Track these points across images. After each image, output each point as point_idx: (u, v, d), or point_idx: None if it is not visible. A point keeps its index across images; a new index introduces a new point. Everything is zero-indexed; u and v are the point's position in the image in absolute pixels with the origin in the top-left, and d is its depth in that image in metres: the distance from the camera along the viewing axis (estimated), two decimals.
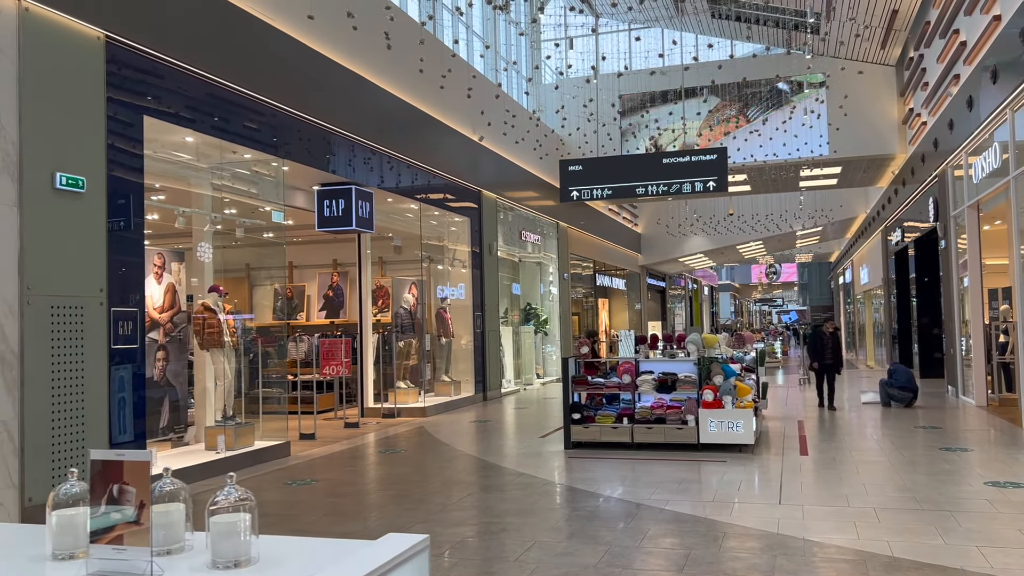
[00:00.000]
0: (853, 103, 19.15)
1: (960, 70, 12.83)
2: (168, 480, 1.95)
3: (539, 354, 20.79)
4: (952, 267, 14.48)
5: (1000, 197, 11.77)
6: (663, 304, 39.89)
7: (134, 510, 1.73)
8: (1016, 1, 9.66)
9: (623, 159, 15.72)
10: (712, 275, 54.21)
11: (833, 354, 13.54)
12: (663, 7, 18.72)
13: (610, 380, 10.15)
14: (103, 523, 1.76)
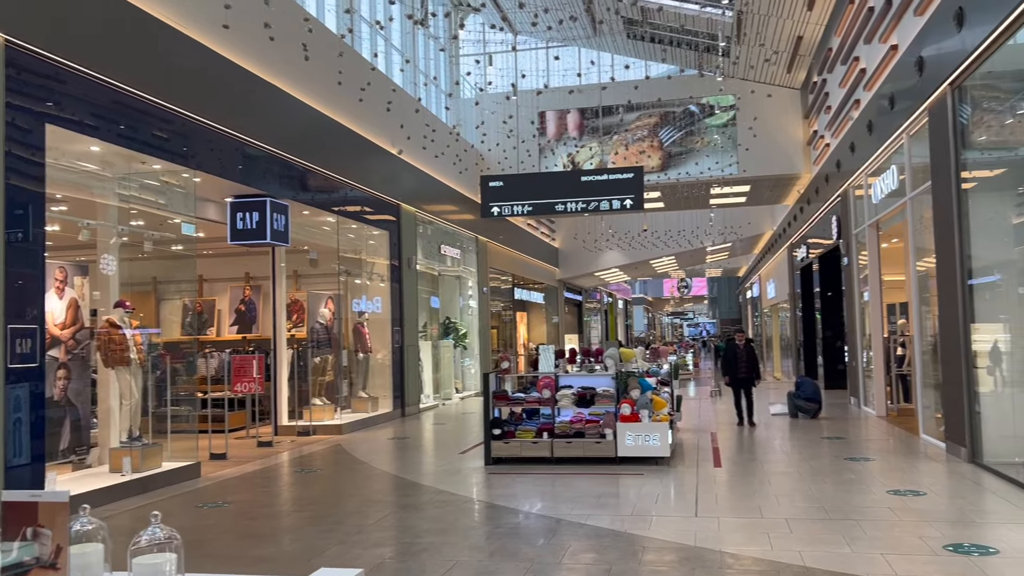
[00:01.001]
0: (761, 124, 19.89)
1: (860, 95, 13.49)
2: (86, 519, 1.83)
3: (458, 368, 20.72)
4: (854, 283, 15.16)
5: (898, 217, 12.40)
6: (580, 317, 40.40)
7: (50, 554, 1.62)
8: (911, 32, 10.24)
9: (543, 176, 15.93)
10: (627, 289, 55.23)
11: (748, 367, 13.25)
12: (581, 27, 19.07)
13: (530, 395, 10.19)
14: (15, 559, 1.64)
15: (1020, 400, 8.48)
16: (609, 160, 20.51)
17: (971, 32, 8.06)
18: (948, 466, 8.85)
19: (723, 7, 16.82)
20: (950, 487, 7.77)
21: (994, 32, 7.54)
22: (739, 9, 16.54)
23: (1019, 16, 7.14)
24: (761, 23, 16.83)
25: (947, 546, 5.58)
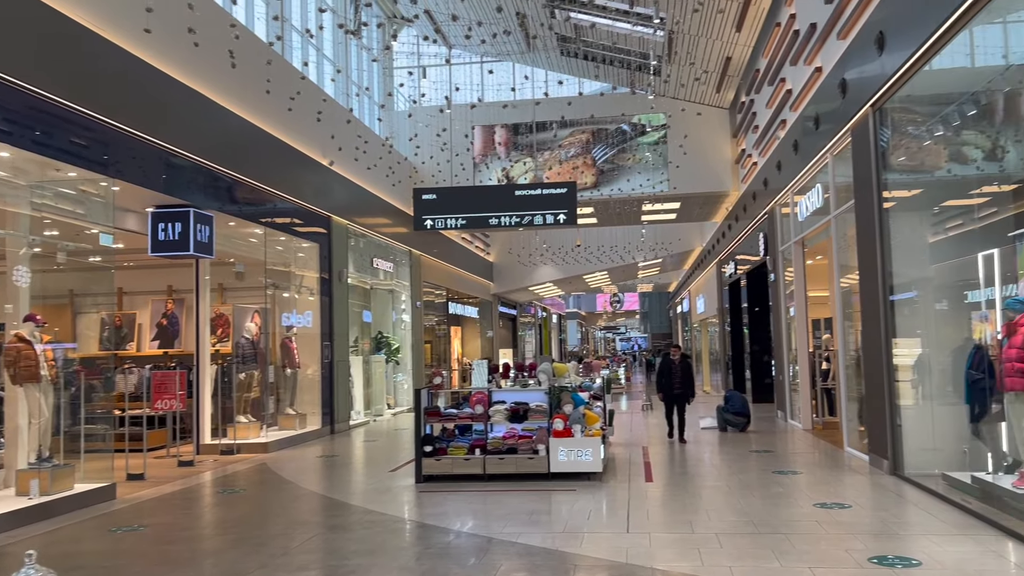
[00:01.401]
0: (692, 142, 20.27)
1: (787, 115, 13.84)
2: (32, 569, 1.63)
3: (390, 384, 20.41)
4: (780, 298, 15.50)
5: (822, 234, 12.73)
6: (514, 332, 40.41)
7: None
8: (835, 55, 10.54)
9: (477, 190, 15.88)
10: (560, 303, 55.57)
11: (682, 382, 13.01)
12: (515, 42, 19.14)
13: (463, 411, 10.06)
14: None
15: (938, 412, 8.75)
16: (543, 176, 20.60)
17: (891, 56, 8.33)
18: (871, 478, 9.05)
19: (654, 26, 17.10)
20: (874, 499, 7.93)
21: (912, 57, 7.80)
22: (670, 29, 16.84)
23: (935, 43, 7.40)
24: (691, 43, 17.18)
25: (872, 559, 5.66)
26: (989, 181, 8.14)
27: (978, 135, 8.38)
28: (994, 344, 7.55)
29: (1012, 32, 7.16)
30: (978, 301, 8.23)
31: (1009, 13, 6.81)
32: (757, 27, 15.51)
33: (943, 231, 9.28)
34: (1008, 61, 7.32)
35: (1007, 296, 7.32)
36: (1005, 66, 7.40)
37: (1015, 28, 6.89)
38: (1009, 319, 6.96)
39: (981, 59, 7.65)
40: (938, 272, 9.02)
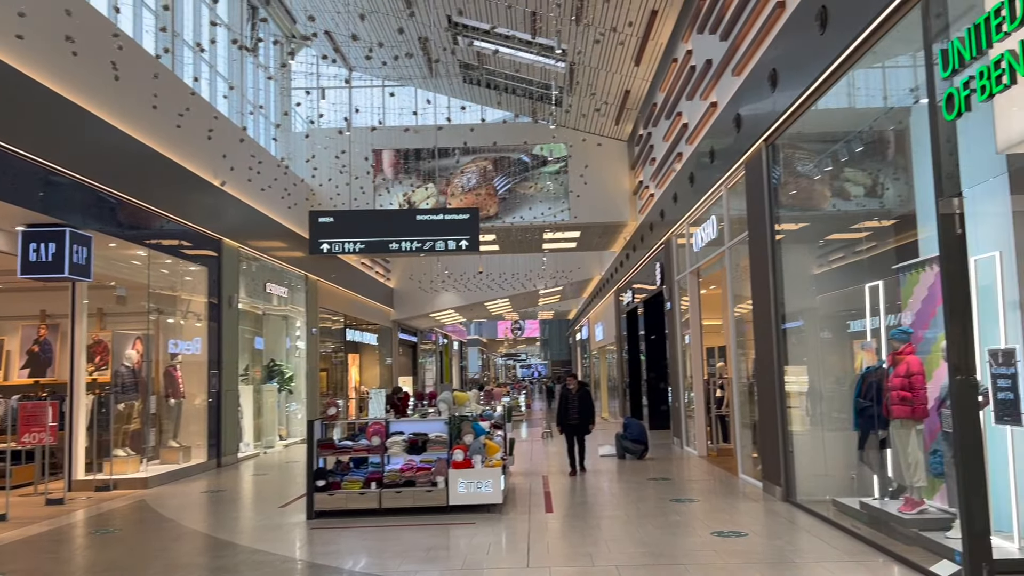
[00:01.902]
0: (592, 173, 20.57)
1: (683, 149, 14.19)
2: None
3: (282, 414, 19.65)
4: (676, 326, 15.80)
5: (717, 264, 13.05)
6: (414, 359, 39.88)
7: None
8: (730, 91, 10.87)
9: (376, 214, 15.52)
10: (462, 330, 55.34)
11: (580, 413, 12.60)
12: (417, 67, 19.01)
13: (358, 443, 9.70)
14: None
15: (828, 439, 9.00)
16: (445, 202, 20.46)
17: (783, 94, 8.62)
18: (765, 505, 9.20)
19: (556, 57, 17.31)
20: (768, 527, 8.04)
21: (802, 96, 8.08)
22: (571, 60, 17.08)
23: (822, 83, 7.68)
24: (592, 75, 17.48)
25: None
26: (871, 216, 8.49)
27: (860, 172, 8.75)
28: (878, 373, 7.82)
29: (891, 76, 7.54)
30: (863, 330, 8.55)
31: (888, 58, 7.15)
32: (655, 62, 15.92)
33: (830, 263, 9.63)
34: (888, 103, 7.68)
35: (892, 326, 7.61)
36: (886, 108, 7.76)
37: (894, 72, 7.23)
38: (894, 349, 7.22)
39: (864, 101, 8.00)
40: (826, 302, 9.34)
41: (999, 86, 4.68)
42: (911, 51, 6.21)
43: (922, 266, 7.16)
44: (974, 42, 4.92)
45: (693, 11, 12.69)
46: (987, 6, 5.04)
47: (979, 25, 4.86)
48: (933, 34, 5.53)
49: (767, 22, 9.00)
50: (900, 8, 5.89)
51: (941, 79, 5.36)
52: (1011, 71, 4.55)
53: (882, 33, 6.33)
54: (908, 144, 7.68)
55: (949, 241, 5.49)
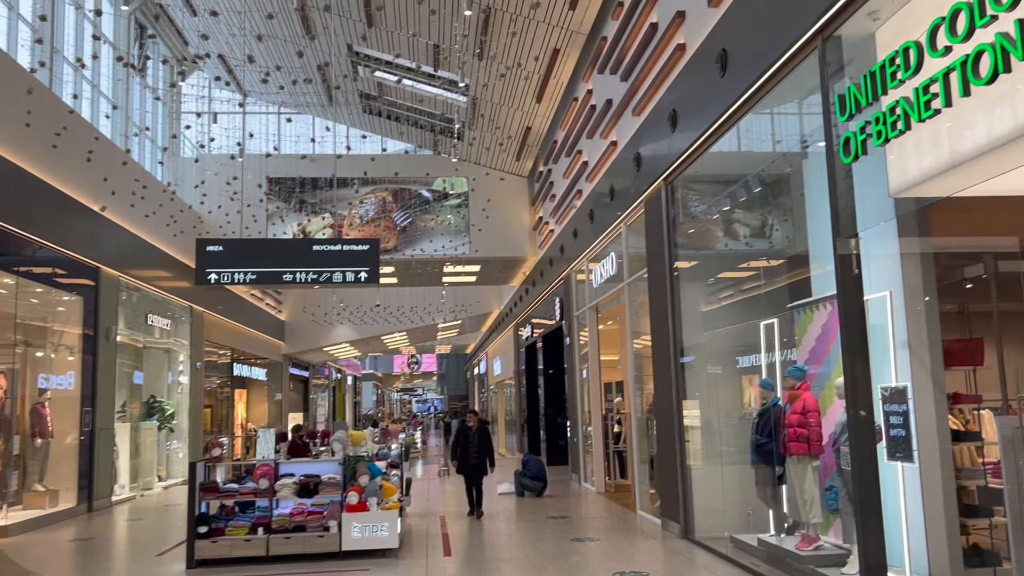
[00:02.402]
0: (493, 207, 20.56)
1: (583, 186, 14.33)
2: None
3: (163, 453, 18.49)
4: (575, 361, 15.82)
5: (616, 300, 13.15)
6: (306, 394, 38.61)
7: None
8: (630, 130, 11.03)
9: (269, 243, 14.84)
10: (357, 364, 54.15)
11: (480, 452, 11.94)
12: (316, 94, 18.59)
13: (244, 486, 9.12)
14: None
15: (726, 474, 9.08)
16: (343, 233, 19.95)
17: (683, 135, 8.77)
18: (664, 543, 9.17)
19: (459, 91, 17.28)
20: (668, 566, 7.98)
21: (702, 136, 8.24)
22: (474, 95, 17.08)
23: (722, 125, 7.85)
24: (494, 110, 17.52)
25: None
26: (766, 255, 8.72)
27: (756, 213, 8.99)
28: (775, 410, 7.95)
29: (788, 120, 7.79)
30: (757, 365, 8.72)
31: (786, 102, 7.38)
32: (556, 100, 16.09)
33: (725, 300, 9.83)
34: (784, 147, 7.92)
35: (789, 363, 7.75)
36: (781, 151, 8.00)
37: (791, 117, 7.46)
38: (791, 386, 7.33)
39: (761, 143, 8.23)
40: (722, 338, 9.49)
41: (894, 131, 4.83)
42: (808, 96, 6.40)
43: (816, 305, 7.34)
44: (870, 88, 5.07)
45: (594, 51, 12.89)
46: (880, 55, 5.23)
47: (875, 72, 5.02)
48: (830, 80, 5.70)
49: (668, 63, 9.18)
50: (799, 53, 6.06)
51: (838, 123, 5.51)
52: (906, 117, 4.70)
53: (780, 77, 6.51)
54: (802, 186, 7.91)
55: (846, 280, 5.61)
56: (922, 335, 6.28)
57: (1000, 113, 4.11)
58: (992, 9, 3.94)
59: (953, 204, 5.41)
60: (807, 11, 5.75)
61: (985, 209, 5.94)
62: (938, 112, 4.45)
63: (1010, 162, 4.29)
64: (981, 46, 4.02)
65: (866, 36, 5.49)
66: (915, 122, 4.63)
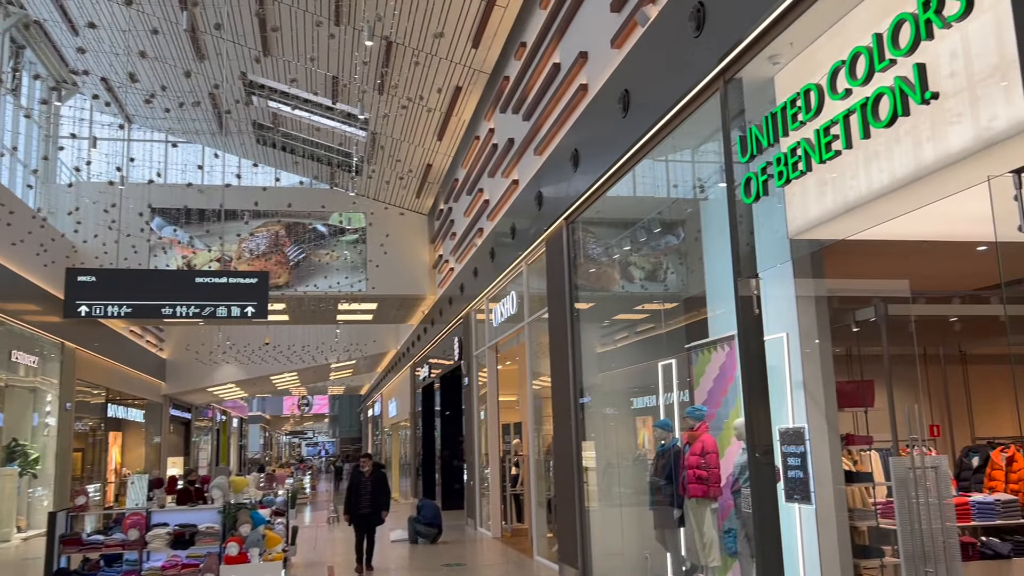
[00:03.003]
0: (392, 244, 20.17)
1: (484, 224, 14.20)
2: None
3: (23, 501, 16.95)
4: (473, 402, 15.53)
5: (515, 340, 13.00)
6: (187, 437, 36.62)
7: None
8: (532, 170, 10.99)
9: (149, 274, 13.81)
10: (243, 406, 51.96)
11: (373, 500, 10.96)
12: (206, 122, 17.84)
13: (112, 537, 8.35)
14: None
15: (624, 517, 8.95)
16: (232, 267, 19.08)
17: (584, 175, 8.76)
18: None
19: (358, 125, 16.97)
20: None
21: (603, 176, 8.23)
22: (374, 130, 16.80)
23: (624, 165, 7.86)
24: (395, 146, 17.27)
25: None
26: (665, 296, 8.76)
27: (656, 253, 9.06)
28: (673, 451, 7.90)
29: (679, 167, 7.92)
30: (654, 406, 8.69)
31: (688, 144, 7.48)
32: (458, 138, 16.00)
33: (623, 340, 9.81)
34: (684, 188, 8.00)
35: (687, 404, 7.73)
36: (682, 192, 8.08)
37: (693, 157, 7.55)
38: (690, 427, 7.29)
39: (661, 185, 8.30)
40: (620, 378, 9.44)
41: (795, 172, 4.87)
42: (709, 138, 6.46)
43: (714, 346, 7.36)
44: (771, 130, 5.12)
45: (496, 90, 12.88)
46: (780, 98, 5.31)
47: (776, 114, 5.07)
48: (732, 122, 5.75)
49: (570, 103, 9.19)
50: (700, 95, 6.11)
51: (739, 164, 5.54)
52: (807, 158, 4.74)
53: (682, 119, 6.55)
54: (699, 228, 8.00)
55: (747, 320, 5.61)
56: (817, 376, 6.35)
57: (900, 156, 4.18)
58: (891, 53, 4.02)
59: (847, 247, 5.52)
60: (709, 54, 5.81)
61: (877, 252, 6.10)
62: (839, 154, 4.50)
63: (907, 204, 4.37)
64: (881, 89, 4.08)
65: (766, 80, 5.58)
66: (816, 163, 4.68)
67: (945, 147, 3.97)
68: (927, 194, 4.16)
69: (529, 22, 11.13)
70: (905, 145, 4.18)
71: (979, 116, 3.79)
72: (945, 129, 3.95)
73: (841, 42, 4.56)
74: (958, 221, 5.82)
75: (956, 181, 3.98)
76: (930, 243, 6.00)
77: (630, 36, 7.57)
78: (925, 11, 3.74)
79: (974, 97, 3.80)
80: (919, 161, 4.10)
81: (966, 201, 4.71)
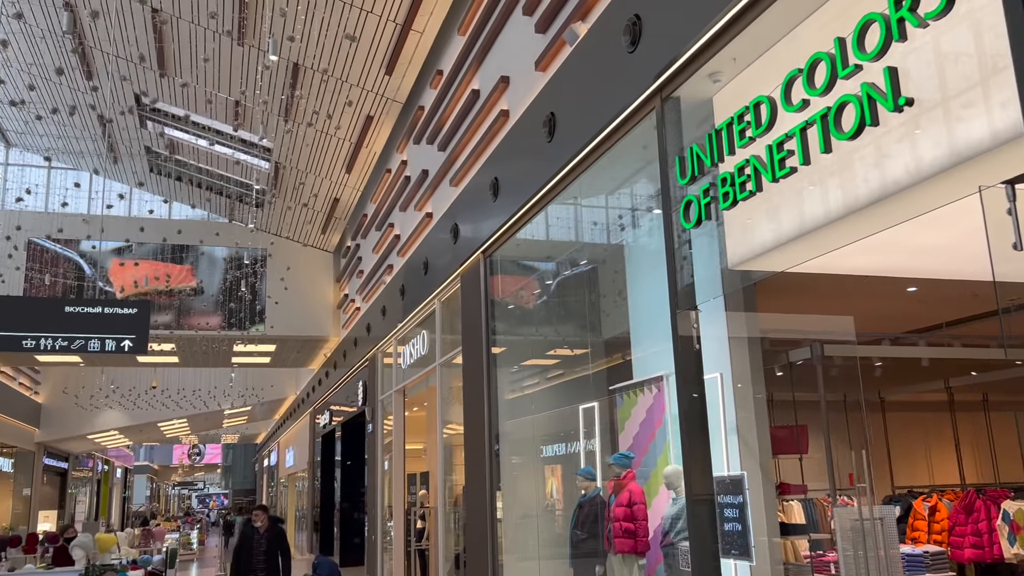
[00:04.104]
0: (294, 282, 19.15)
1: (394, 260, 13.50)
2: None
3: None
4: (377, 450, 14.61)
5: (422, 384, 12.27)
6: (63, 489, 33.78)
7: None
8: (447, 202, 10.42)
9: (6, 301, 12.11)
10: (128, 455, 48.70)
11: (268, 562, 9.53)
12: (91, 139, 16.46)
13: None
14: None
15: (540, 572, 8.29)
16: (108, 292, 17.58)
17: (504, 203, 8.25)
18: None
19: (261, 155, 16.09)
20: None
21: (526, 205, 7.74)
22: (277, 160, 15.95)
23: (548, 192, 7.40)
24: (299, 177, 16.42)
25: None
26: (580, 338, 8.33)
27: (577, 291, 8.62)
28: (594, 502, 7.34)
29: (585, 213, 7.60)
30: (570, 453, 8.15)
31: (584, 197, 7.19)
32: (368, 171, 15.33)
33: (543, 383, 9.26)
34: (610, 220, 7.60)
35: (612, 450, 7.21)
36: (607, 224, 7.68)
37: (620, 186, 7.16)
38: (616, 475, 6.74)
39: (586, 215, 7.89)
40: (539, 423, 8.85)
41: (743, 192, 4.46)
42: (643, 162, 6.05)
43: (641, 387, 6.90)
44: (715, 148, 4.72)
45: (411, 121, 12.33)
46: (719, 118, 4.93)
47: (721, 130, 4.67)
48: (668, 142, 5.34)
49: (490, 130, 8.71)
50: (635, 115, 5.70)
51: (678, 186, 5.12)
52: (757, 177, 4.34)
53: (615, 140, 6.12)
54: (623, 263, 7.61)
55: (686, 355, 5.12)
56: (750, 420, 5.93)
57: (864, 172, 3.81)
58: (856, 58, 3.66)
59: (785, 280, 5.14)
60: (644, 71, 5.41)
61: (815, 287, 5.78)
62: (795, 170, 4.10)
63: (868, 228, 3.99)
64: (845, 97, 3.71)
65: (706, 99, 5.21)
66: (768, 182, 4.27)
67: (916, 162, 3.61)
68: (894, 214, 3.79)
69: (447, 48, 10.68)
70: (870, 160, 3.81)
71: (955, 127, 3.45)
72: (918, 141, 3.59)
73: (795, 50, 4.20)
74: (897, 254, 5.57)
75: (928, 198, 3.62)
76: (872, 278, 5.73)
77: (556, 56, 7.17)
78: (898, 9, 3.39)
79: (950, 107, 3.46)
80: (887, 177, 3.74)
81: (920, 229, 4.40)
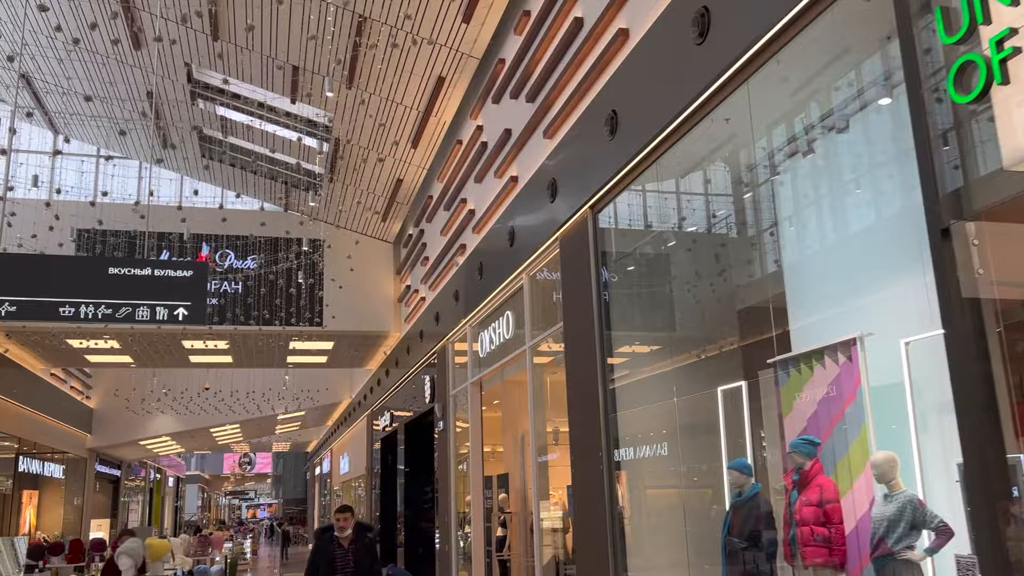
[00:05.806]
0: (352, 276, 17.96)
1: (468, 239, 12.16)
2: None
3: None
4: (450, 452, 13.25)
5: (502, 374, 10.92)
6: (115, 497, 33.20)
7: None
8: (538, 159, 9.02)
9: (40, 260, 10.43)
10: (180, 464, 48.30)
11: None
12: (143, 129, 15.50)
13: None
14: None
15: None
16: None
17: (622, 145, 6.83)
18: None
19: (319, 135, 14.93)
20: None
21: (657, 138, 6.33)
22: (336, 137, 14.73)
23: (690, 117, 5.99)
24: (361, 155, 15.17)
25: None
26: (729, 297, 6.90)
27: (691, 254, 7.21)
28: (754, 501, 5.87)
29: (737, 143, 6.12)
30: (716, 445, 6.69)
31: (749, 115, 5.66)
32: (435, 144, 14.01)
33: (673, 363, 7.80)
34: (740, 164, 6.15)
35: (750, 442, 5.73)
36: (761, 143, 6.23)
37: (760, 112, 5.70)
38: (799, 466, 5.25)
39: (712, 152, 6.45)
40: (661, 414, 7.39)
41: None
42: (840, 49, 4.58)
43: (818, 356, 5.42)
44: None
45: (488, 78, 10.98)
46: None
47: None
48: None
49: (601, 59, 7.29)
50: None
51: (943, 46, 3.65)
52: None
53: (797, 30, 4.66)
54: (776, 208, 6.18)
55: (957, 295, 3.62)
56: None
57: None
58: None
59: None
60: None
61: None
62: None
63: None
64: None
65: None
66: None
67: None
68: None
69: None
70: None
71: None
72: None
73: None
74: None
75: None
76: None
77: None
78: None
79: None
80: None
81: None
